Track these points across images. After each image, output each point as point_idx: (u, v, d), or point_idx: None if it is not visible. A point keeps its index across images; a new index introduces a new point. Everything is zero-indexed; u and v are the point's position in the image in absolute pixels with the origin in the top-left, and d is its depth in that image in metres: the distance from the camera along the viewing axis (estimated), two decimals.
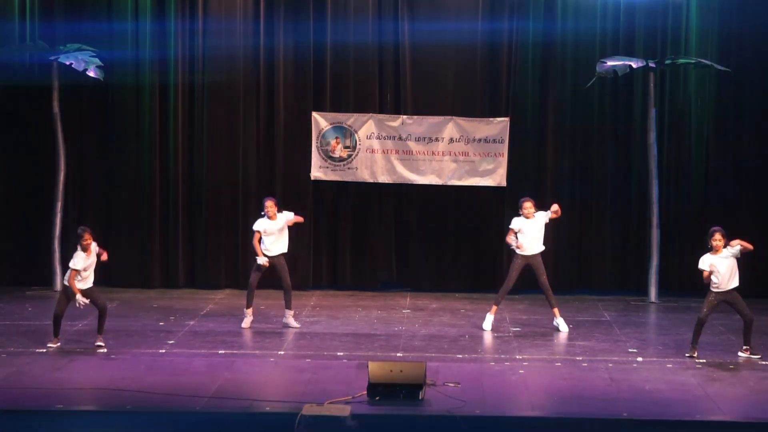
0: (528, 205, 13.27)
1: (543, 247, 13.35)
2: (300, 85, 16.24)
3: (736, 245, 11.72)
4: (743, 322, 11.92)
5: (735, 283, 11.80)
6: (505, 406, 10.06)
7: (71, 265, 11.92)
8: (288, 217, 13.38)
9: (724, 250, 11.75)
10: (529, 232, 13.27)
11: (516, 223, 13.34)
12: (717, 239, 11.78)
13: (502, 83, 16.14)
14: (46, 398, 9.87)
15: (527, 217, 13.26)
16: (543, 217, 13.31)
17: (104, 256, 12.18)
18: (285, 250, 13.35)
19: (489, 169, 16.11)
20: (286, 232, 13.37)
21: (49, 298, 15.19)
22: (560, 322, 13.41)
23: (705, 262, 11.80)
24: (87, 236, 12.02)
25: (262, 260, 13.24)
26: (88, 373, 10.94)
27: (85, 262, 11.95)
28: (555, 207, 13.25)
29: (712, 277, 11.76)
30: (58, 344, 12.08)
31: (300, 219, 13.62)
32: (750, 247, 11.76)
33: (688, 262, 15.95)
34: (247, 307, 13.38)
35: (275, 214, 13.30)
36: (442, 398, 9.99)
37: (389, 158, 16.15)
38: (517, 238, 13.26)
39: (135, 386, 10.30)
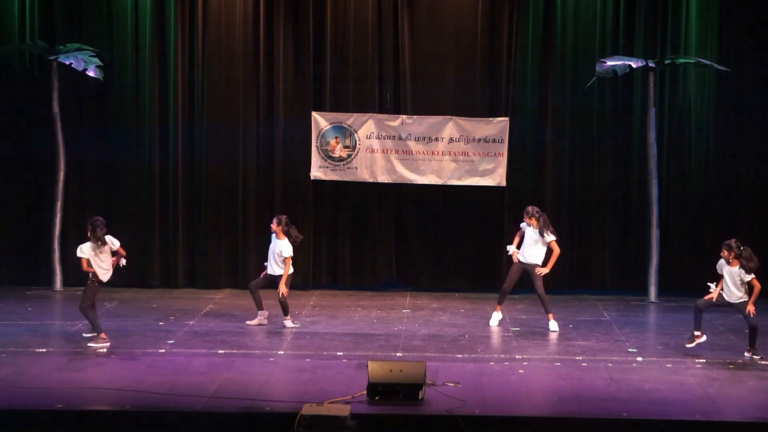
0: (525, 214, 13.37)
1: (538, 261, 13.34)
2: (300, 85, 16.24)
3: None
4: (748, 327, 11.94)
5: (742, 297, 11.81)
6: (505, 406, 10.05)
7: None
8: (282, 250, 13.14)
9: (739, 270, 11.78)
10: (528, 239, 13.35)
11: (523, 225, 13.45)
12: (723, 252, 11.83)
13: (502, 83, 16.14)
14: (46, 398, 9.86)
15: (527, 224, 13.34)
16: (536, 235, 13.31)
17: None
18: (281, 273, 13.25)
19: (489, 169, 16.11)
20: (280, 259, 13.21)
21: (50, 298, 15.23)
22: (552, 324, 13.42)
23: (719, 266, 11.92)
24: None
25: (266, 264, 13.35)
26: (88, 373, 10.93)
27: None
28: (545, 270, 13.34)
29: (723, 282, 11.89)
30: (108, 344, 12.09)
31: (287, 267, 13.19)
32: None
33: (687, 262, 16.00)
34: (258, 309, 13.38)
35: (280, 233, 13.19)
36: (442, 398, 9.99)
37: (389, 158, 16.15)
38: (520, 244, 13.38)
39: (135, 386, 10.30)
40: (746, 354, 11.95)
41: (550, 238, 13.30)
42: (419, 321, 14.02)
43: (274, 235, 13.28)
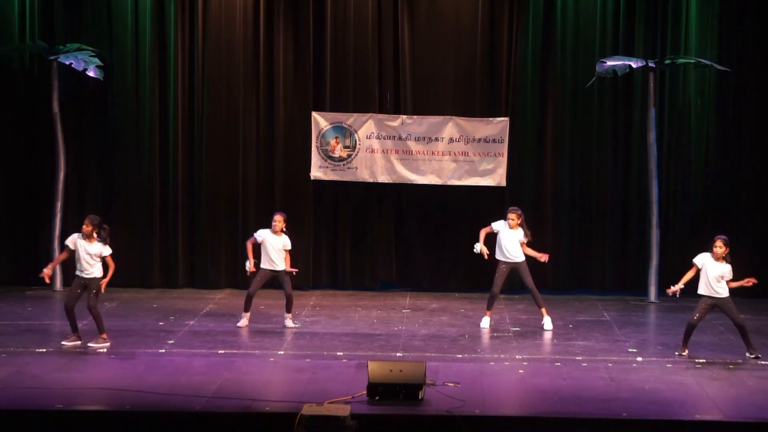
0: (512, 216, 13.42)
1: (523, 258, 13.41)
2: (300, 85, 16.24)
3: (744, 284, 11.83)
4: (737, 328, 11.95)
5: (724, 293, 11.81)
6: (504, 406, 10.07)
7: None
8: (285, 244, 13.22)
9: (725, 263, 11.81)
10: (509, 241, 13.39)
11: (497, 225, 13.49)
12: (718, 246, 11.86)
13: (502, 83, 16.15)
14: (46, 398, 9.86)
15: (511, 227, 13.35)
16: (520, 235, 13.40)
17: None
18: (284, 267, 13.31)
19: (489, 169, 16.11)
20: (283, 253, 13.29)
21: (50, 298, 15.23)
22: (546, 320, 13.45)
23: (699, 258, 11.96)
24: (86, 222, 12.18)
25: (248, 264, 13.24)
26: (88, 373, 10.93)
27: (74, 245, 12.12)
28: (545, 258, 13.52)
29: (701, 277, 11.87)
30: (78, 342, 12.07)
31: (288, 256, 13.27)
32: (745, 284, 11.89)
33: (687, 262, 15.96)
34: (245, 311, 13.39)
35: (280, 231, 13.25)
36: (442, 398, 9.98)
37: (389, 158, 16.16)
38: (499, 243, 13.47)
39: (135, 386, 10.29)
40: (746, 354, 11.95)
41: (526, 238, 13.43)
42: (419, 321, 14.02)
43: (268, 232, 13.24)
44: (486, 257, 13.53)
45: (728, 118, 16.09)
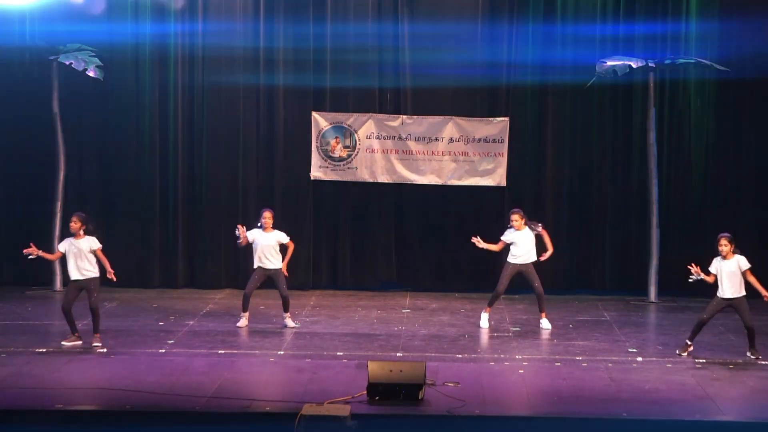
0: (515, 218, 13.43)
1: (535, 258, 13.43)
2: (300, 85, 16.24)
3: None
4: (746, 328, 11.94)
5: (739, 292, 11.81)
6: (504, 406, 10.06)
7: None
8: (280, 237, 13.29)
9: (735, 257, 11.80)
10: (521, 244, 13.39)
11: (507, 235, 13.51)
12: (722, 245, 11.89)
13: (502, 83, 16.14)
14: (46, 398, 9.87)
15: (517, 229, 13.35)
16: (531, 230, 13.46)
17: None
18: (280, 265, 13.29)
19: (488, 169, 16.12)
20: (278, 249, 13.30)
21: (49, 298, 15.24)
22: (544, 321, 13.46)
23: (712, 266, 11.98)
24: (74, 219, 12.23)
25: (238, 231, 13.21)
26: (88, 373, 10.93)
27: (64, 249, 12.20)
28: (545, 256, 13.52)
29: (719, 280, 11.90)
30: (78, 342, 12.06)
31: (291, 246, 13.38)
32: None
33: (687, 262, 15.97)
34: (244, 311, 13.39)
35: (270, 227, 13.27)
36: (442, 398, 9.99)
37: (389, 158, 16.16)
38: (509, 247, 13.49)
39: (135, 386, 10.30)
40: (747, 353, 11.95)
41: (540, 227, 13.42)
42: (419, 321, 14.02)
43: (259, 231, 13.24)
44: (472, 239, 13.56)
45: (728, 119, 16.08)
